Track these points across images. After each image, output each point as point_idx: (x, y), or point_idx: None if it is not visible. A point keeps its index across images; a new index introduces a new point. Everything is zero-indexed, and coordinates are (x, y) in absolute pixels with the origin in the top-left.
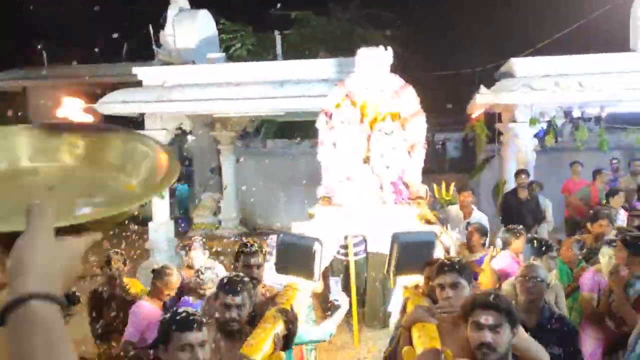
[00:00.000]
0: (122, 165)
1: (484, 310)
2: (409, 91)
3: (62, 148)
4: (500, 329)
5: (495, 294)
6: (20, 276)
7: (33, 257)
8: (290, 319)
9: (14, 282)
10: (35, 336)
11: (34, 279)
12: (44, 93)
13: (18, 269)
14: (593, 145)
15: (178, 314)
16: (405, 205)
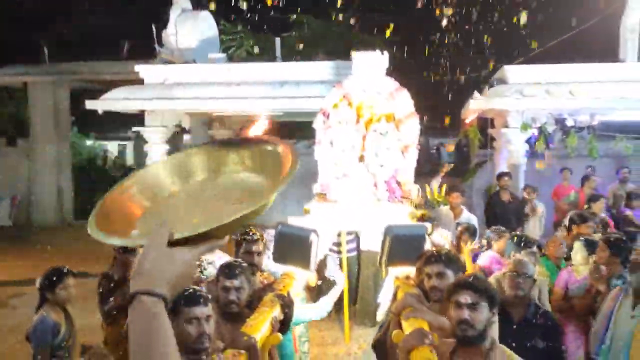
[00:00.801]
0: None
1: (464, 290)
2: (404, 94)
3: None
4: (479, 307)
5: (474, 276)
6: (137, 277)
7: (146, 265)
8: (287, 303)
9: (132, 281)
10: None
11: (143, 280)
12: (45, 89)
13: (137, 271)
14: (583, 153)
15: (186, 290)
16: (398, 203)
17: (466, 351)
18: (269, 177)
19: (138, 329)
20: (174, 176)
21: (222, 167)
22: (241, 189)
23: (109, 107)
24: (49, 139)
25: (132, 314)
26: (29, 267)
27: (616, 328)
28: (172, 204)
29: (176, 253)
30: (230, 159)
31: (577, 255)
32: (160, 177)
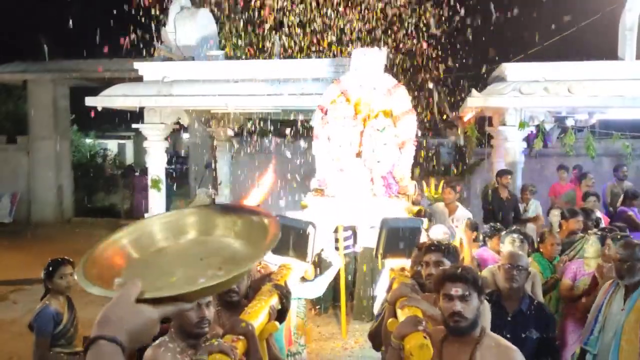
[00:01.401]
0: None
1: (453, 282)
2: (401, 90)
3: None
4: (469, 298)
5: (462, 267)
6: (98, 325)
7: (112, 314)
8: (285, 293)
9: (94, 329)
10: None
11: (107, 327)
12: (44, 86)
13: (99, 320)
14: (582, 152)
15: None
16: (395, 198)
17: (457, 339)
18: (251, 245)
19: None
20: (167, 232)
21: (212, 229)
22: (223, 255)
23: (108, 104)
24: (49, 136)
25: (90, 356)
26: (28, 263)
27: (606, 320)
28: (157, 259)
29: (143, 309)
30: (220, 222)
31: (591, 248)
32: (153, 231)
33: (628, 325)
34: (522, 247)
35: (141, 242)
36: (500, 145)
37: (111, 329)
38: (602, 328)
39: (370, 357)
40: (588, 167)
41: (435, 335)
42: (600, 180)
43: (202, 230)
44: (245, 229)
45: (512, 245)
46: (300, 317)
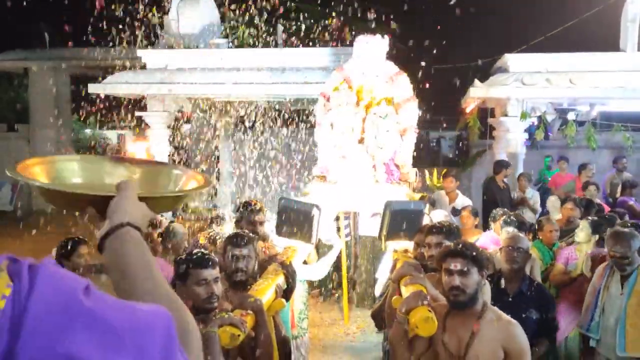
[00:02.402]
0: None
1: (453, 257)
2: (403, 78)
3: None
4: (468, 273)
5: (462, 243)
6: (117, 214)
7: (125, 205)
8: (290, 273)
9: (112, 217)
10: (131, 247)
11: (125, 216)
12: (45, 74)
13: (115, 211)
14: (583, 143)
15: (194, 254)
16: (396, 184)
17: (459, 313)
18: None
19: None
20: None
21: None
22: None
23: (111, 91)
24: (50, 124)
25: (119, 244)
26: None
27: (606, 305)
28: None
29: (141, 205)
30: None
31: (582, 233)
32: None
33: (631, 309)
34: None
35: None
36: (502, 136)
37: (131, 217)
38: (601, 312)
39: (372, 342)
40: (588, 158)
41: (439, 311)
42: (600, 171)
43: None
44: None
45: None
46: (302, 301)
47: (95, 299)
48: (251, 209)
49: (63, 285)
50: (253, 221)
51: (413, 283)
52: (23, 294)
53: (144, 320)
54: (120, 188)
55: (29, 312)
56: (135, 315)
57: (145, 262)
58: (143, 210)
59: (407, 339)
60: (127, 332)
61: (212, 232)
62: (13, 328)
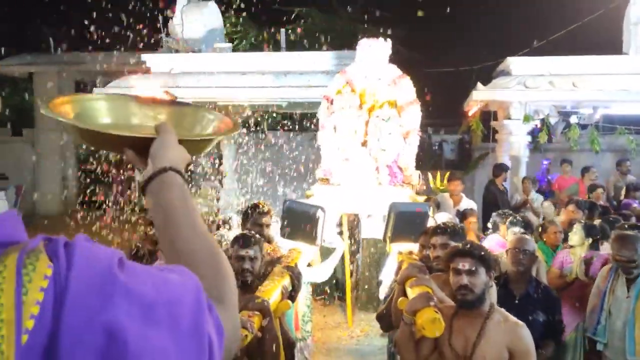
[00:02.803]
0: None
1: (461, 257)
2: (406, 81)
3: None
4: (476, 273)
5: (470, 243)
6: (159, 158)
7: (167, 149)
8: (296, 275)
9: (154, 161)
10: (174, 191)
11: (167, 160)
12: (50, 79)
13: (157, 154)
14: (586, 146)
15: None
16: (399, 187)
17: (466, 314)
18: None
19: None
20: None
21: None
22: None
23: None
24: (54, 128)
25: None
26: None
27: (612, 308)
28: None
29: (181, 148)
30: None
31: (575, 236)
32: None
33: (639, 312)
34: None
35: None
36: (504, 139)
37: (174, 162)
38: (608, 316)
39: (376, 345)
40: (592, 162)
41: (446, 312)
42: (603, 174)
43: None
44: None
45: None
46: (306, 303)
47: (129, 272)
48: (259, 211)
49: (98, 261)
50: (260, 223)
51: (419, 284)
52: (62, 272)
53: (174, 292)
54: (161, 130)
55: (69, 290)
56: (167, 287)
57: (187, 208)
58: (183, 154)
59: (413, 341)
60: (160, 305)
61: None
62: (56, 306)
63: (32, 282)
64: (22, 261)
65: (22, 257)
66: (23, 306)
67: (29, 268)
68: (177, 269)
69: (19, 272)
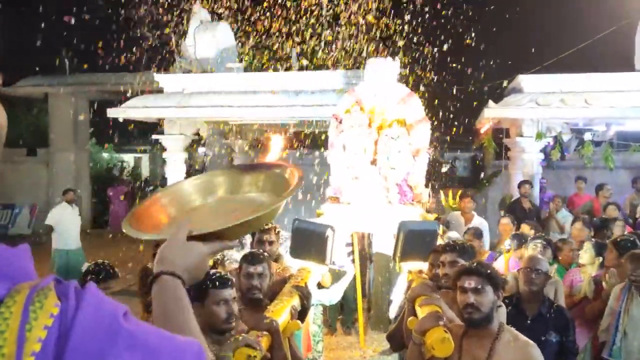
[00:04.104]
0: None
1: (468, 275)
2: (415, 99)
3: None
4: (483, 291)
5: (477, 262)
6: (160, 261)
7: (167, 253)
8: (306, 295)
9: (156, 265)
10: (166, 294)
11: (165, 264)
12: (65, 100)
13: (159, 258)
14: (600, 163)
15: (212, 275)
16: (409, 205)
17: (475, 334)
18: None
19: (165, 302)
20: (198, 193)
21: (238, 188)
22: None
23: (130, 115)
24: (68, 149)
25: (158, 291)
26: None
27: (627, 329)
28: (194, 215)
29: (194, 246)
30: (245, 181)
31: (586, 254)
32: (186, 192)
33: None
34: (544, 253)
35: (177, 201)
36: (517, 157)
37: (171, 265)
38: (623, 336)
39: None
40: (606, 179)
41: (455, 331)
42: (618, 192)
43: (229, 188)
44: (269, 182)
45: (534, 250)
46: (317, 323)
47: (134, 323)
48: (261, 229)
49: (105, 309)
50: (262, 240)
51: (428, 304)
52: (70, 313)
53: (179, 345)
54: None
55: (74, 331)
56: (172, 340)
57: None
58: (194, 253)
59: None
60: (164, 355)
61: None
62: (59, 345)
63: (37, 319)
64: (32, 298)
65: (32, 294)
66: (25, 342)
67: (37, 305)
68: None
69: (26, 308)
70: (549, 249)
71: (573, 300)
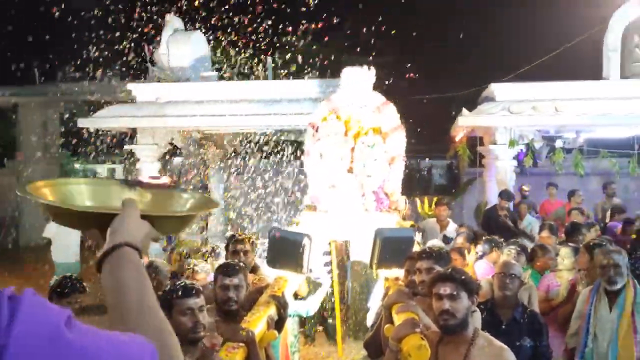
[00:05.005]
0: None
1: (443, 282)
2: (390, 108)
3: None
4: (458, 297)
5: (452, 268)
6: (117, 233)
7: (125, 225)
8: (282, 304)
9: (112, 237)
10: (127, 269)
11: (125, 235)
12: (35, 110)
13: (116, 230)
14: (571, 170)
15: (177, 284)
16: (386, 213)
17: (451, 340)
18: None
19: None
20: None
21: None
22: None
23: (101, 125)
24: (38, 160)
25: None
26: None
27: (597, 330)
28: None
29: (146, 225)
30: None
31: (565, 260)
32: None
33: (622, 332)
34: (518, 258)
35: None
36: (491, 164)
37: (130, 237)
38: (594, 338)
39: None
40: (577, 185)
41: (431, 338)
42: (589, 197)
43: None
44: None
45: (509, 256)
46: (293, 334)
47: (78, 331)
48: (235, 239)
49: (45, 318)
50: (237, 250)
51: (405, 311)
52: (2, 327)
53: (126, 353)
54: (124, 206)
55: (9, 347)
56: (118, 348)
57: (139, 285)
58: (146, 229)
59: None
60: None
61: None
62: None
63: None
64: None
65: None
66: None
67: None
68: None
69: None
70: (523, 255)
71: (551, 304)
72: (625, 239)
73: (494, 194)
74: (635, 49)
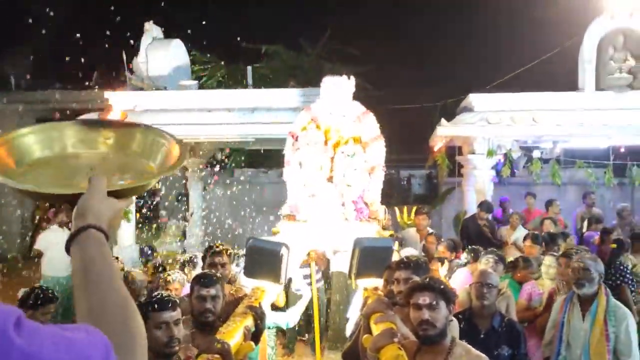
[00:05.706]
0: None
1: (421, 292)
2: (370, 117)
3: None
4: (437, 307)
5: (429, 277)
6: (82, 216)
7: (91, 206)
8: (260, 315)
9: (77, 220)
10: (93, 249)
11: (91, 217)
12: (10, 117)
13: (81, 212)
14: (549, 180)
15: (153, 297)
16: (365, 222)
17: (429, 350)
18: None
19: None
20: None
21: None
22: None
23: None
24: None
25: (84, 247)
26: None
27: (570, 338)
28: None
29: (113, 200)
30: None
31: (549, 270)
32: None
33: (594, 339)
34: (495, 268)
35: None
36: (470, 174)
37: (97, 218)
38: (567, 346)
39: None
40: (554, 194)
41: (409, 348)
42: (567, 207)
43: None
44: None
45: (487, 265)
46: (270, 345)
47: (28, 333)
48: (213, 251)
49: None
50: (215, 263)
51: (383, 321)
52: None
53: (81, 351)
54: (90, 184)
55: None
56: (72, 347)
57: (105, 265)
58: (110, 206)
59: None
60: None
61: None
62: None
63: None
64: None
65: None
66: None
67: None
68: (84, 327)
69: None
70: (501, 264)
71: (534, 312)
72: (606, 249)
73: (473, 203)
74: (610, 61)
